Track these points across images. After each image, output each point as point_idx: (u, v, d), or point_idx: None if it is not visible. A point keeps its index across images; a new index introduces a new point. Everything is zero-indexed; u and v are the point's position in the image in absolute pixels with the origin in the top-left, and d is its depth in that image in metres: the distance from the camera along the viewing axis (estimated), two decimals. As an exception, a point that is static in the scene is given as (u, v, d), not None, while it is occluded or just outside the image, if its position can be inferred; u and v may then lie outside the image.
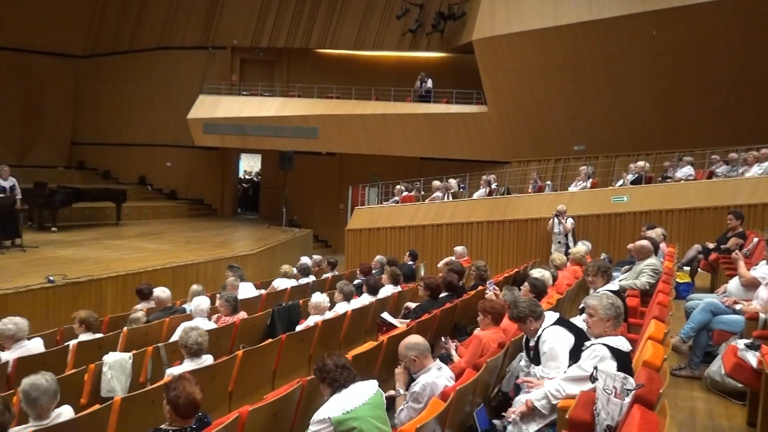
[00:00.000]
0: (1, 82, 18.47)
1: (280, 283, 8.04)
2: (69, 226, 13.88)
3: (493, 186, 12.90)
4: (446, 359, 4.17)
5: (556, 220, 10.46)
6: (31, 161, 18.74)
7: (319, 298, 5.69)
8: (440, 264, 8.93)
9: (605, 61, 13.42)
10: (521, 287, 5.24)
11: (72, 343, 4.98)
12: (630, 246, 6.84)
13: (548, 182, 13.21)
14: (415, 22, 16.43)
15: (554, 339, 3.56)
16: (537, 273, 5.61)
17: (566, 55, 13.61)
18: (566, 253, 8.51)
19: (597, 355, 3.10)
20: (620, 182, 11.83)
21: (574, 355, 3.42)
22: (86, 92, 20.13)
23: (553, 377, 3.33)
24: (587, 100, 13.95)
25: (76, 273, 8.68)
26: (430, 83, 15.82)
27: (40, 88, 19.37)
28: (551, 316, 3.74)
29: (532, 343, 3.74)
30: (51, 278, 8.11)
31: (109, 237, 13.08)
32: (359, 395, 2.88)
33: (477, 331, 4.45)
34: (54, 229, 13.31)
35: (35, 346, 4.83)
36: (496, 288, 5.73)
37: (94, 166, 20.05)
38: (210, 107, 17.14)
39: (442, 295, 5.93)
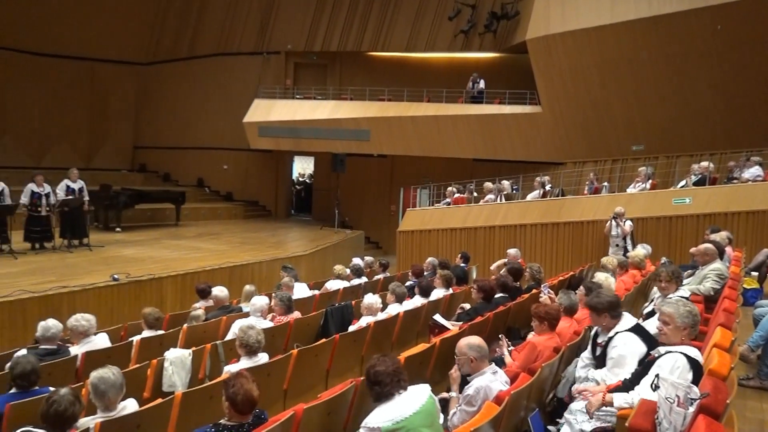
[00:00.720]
0: (69, 89, 19.47)
1: (333, 284, 8.14)
2: (132, 227, 14.49)
3: (547, 187, 12.64)
4: (500, 362, 4.12)
5: (613, 222, 10.15)
6: (96, 164, 19.66)
7: (371, 299, 5.73)
8: (493, 266, 8.84)
9: (665, 58, 12.96)
10: (576, 290, 5.12)
11: (136, 338, 5.19)
12: (693, 250, 6.58)
13: (605, 183, 12.84)
14: (467, 23, 16.32)
15: (626, 347, 3.44)
16: (602, 276, 5.46)
17: (624, 52, 13.22)
18: (624, 257, 8.26)
19: (679, 366, 2.98)
20: (682, 183, 11.39)
21: (641, 364, 3.30)
22: (147, 98, 20.95)
23: (612, 383, 3.24)
24: (646, 98, 13.50)
25: (138, 272, 9.04)
26: (482, 84, 15.67)
27: (105, 94, 20.31)
28: (628, 320, 3.62)
29: (600, 340, 3.62)
30: (115, 276, 8.48)
31: (169, 237, 13.55)
32: (410, 403, 2.75)
33: (531, 336, 4.38)
34: (118, 229, 13.91)
35: (101, 341, 5.05)
36: (551, 291, 5.62)
37: (154, 169, 20.84)
38: (265, 111, 17.52)
39: (496, 296, 5.86)
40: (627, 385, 3.22)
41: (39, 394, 3.55)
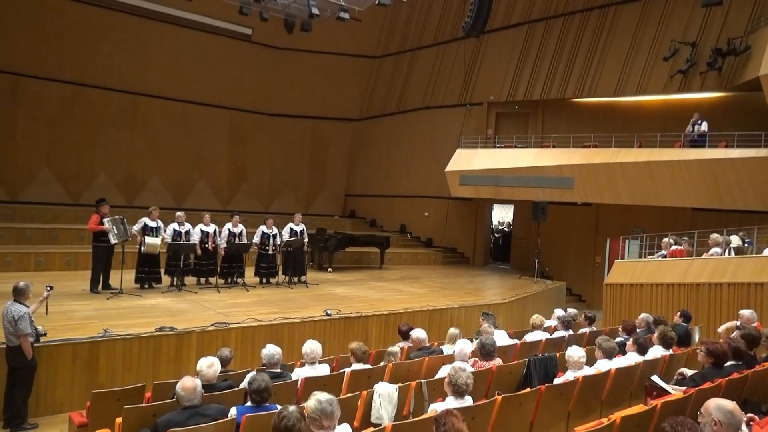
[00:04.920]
0: (295, 144, 22.22)
1: (534, 336, 7.85)
2: (341, 268, 15.67)
3: (791, 242, 10.88)
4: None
5: None
6: (314, 210, 21.90)
7: (578, 351, 5.39)
8: (720, 329, 7.79)
9: None
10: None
11: (347, 370, 5.53)
12: None
13: None
14: (686, 62, 15.07)
15: None
16: None
17: None
18: None
19: None
20: None
21: None
22: (359, 150, 22.92)
23: None
24: None
25: (347, 309, 9.69)
26: (704, 126, 14.22)
27: (324, 148, 22.75)
28: None
29: None
30: (328, 312, 9.21)
31: (373, 279, 14.35)
32: None
33: (778, 410, 3.74)
34: (330, 269, 15.14)
35: (322, 369, 5.51)
36: (802, 362, 4.77)
37: (362, 215, 22.49)
38: (466, 160, 17.92)
39: (728, 363, 5.13)
40: None
41: (269, 410, 3.96)
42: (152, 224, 10.60)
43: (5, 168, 16.81)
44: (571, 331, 8.07)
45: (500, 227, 22.43)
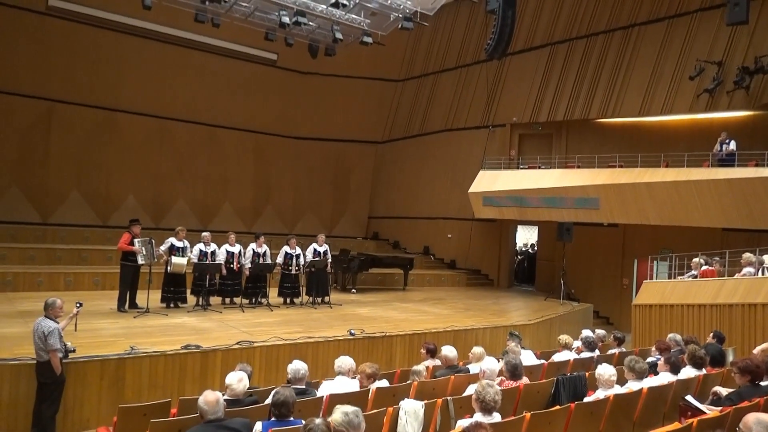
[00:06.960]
0: (319, 167, 22.41)
1: (561, 356, 7.71)
2: (364, 289, 15.65)
3: (827, 262, 10.56)
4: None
5: None
6: (337, 232, 21.98)
7: (609, 370, 5.27)
8: (756, 350, 7.52)
9: None
10: None
11: (373, 387, 5.48)
12: None
13: None
14: (712, 81, 14.91)
15: None
16: None
17: None
18: None
19: None
20: None
21: None
22: (382, 172, 23.01)
23: None
24: None
25: (371, 329, 9.64)
26: (732, 145, 13.99)
27: (347, 170, 22.91)
28: None
29: None
30: (352, 332, 9.18)
31: (397, 300, 14.28)
32: None
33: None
34: (353, 290, 15.12)
35: (353, 385, 5.48)
36: None
37: (386, 237, 22.49)
38: (489, 181, 17.86)
39: (766, 383, 4.96)
40: None
41: (294, 424, 3.94)
42: (179, 244, 10.73)
43: (38, 191, 17.27)
44: (597, 352, 7.90)
45: (524, 249, 22.22)
